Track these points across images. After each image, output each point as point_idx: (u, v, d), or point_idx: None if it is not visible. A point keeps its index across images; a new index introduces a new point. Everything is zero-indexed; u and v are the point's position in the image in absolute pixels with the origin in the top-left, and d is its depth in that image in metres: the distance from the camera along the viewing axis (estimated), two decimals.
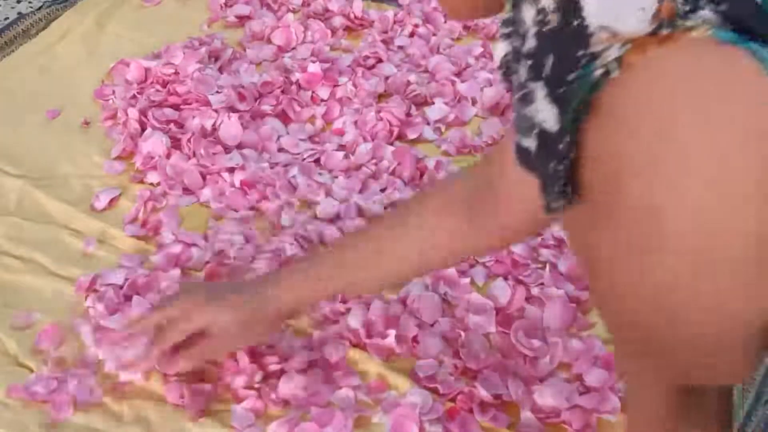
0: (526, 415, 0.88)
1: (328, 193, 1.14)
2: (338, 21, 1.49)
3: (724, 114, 0.45)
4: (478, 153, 1.22)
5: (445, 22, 1.47)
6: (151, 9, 1.55)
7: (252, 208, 1.11)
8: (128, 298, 0.99)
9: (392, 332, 0.95)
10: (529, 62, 0.51)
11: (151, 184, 1.17)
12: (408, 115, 1.27)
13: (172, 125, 1.24)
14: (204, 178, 1.16)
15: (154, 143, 1.19)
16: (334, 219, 1.10)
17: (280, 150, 1.22)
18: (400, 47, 1.42)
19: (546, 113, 0.50)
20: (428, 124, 1.27)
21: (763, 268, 0.47)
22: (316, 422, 0.87)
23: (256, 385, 0.91)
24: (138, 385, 0.92)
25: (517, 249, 1.05)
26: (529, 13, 0.51)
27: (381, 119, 1.24)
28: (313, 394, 0.90)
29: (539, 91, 0.50)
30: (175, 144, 1.20)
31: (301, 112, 1.28)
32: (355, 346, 0.96)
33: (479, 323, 0.97)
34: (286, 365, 0.92)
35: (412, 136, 1.25)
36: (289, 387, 0.90)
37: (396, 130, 1.24)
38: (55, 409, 0.90)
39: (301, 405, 0.89)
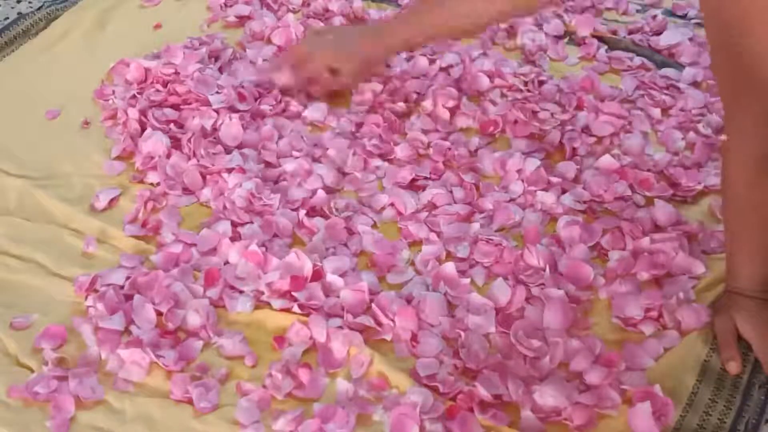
0: (527, 414, 0.88)
1: None
2: (338, 21, 1.49)
3: None
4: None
5: None
6: (151, 9, 1.55)
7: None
8: (128, 298, 0.99)
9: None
10: None
11: (151, 184, 1.17)
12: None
13: (172, 125, 1.24)
14: (204, 178, 1.17)
15: (154, 143, 1.19)
16: None
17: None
18: None
19: None
20: None
21: None
22: (319, 418, 0.88)
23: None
24: (141, 382, 0.93)
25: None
26: None
27: None
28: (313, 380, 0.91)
29: None
30: (175, 144, 1.20)
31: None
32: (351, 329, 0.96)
33: (479, 323, 0.97)
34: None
35: None
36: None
37: None
38: (57, 408, 0.90)
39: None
